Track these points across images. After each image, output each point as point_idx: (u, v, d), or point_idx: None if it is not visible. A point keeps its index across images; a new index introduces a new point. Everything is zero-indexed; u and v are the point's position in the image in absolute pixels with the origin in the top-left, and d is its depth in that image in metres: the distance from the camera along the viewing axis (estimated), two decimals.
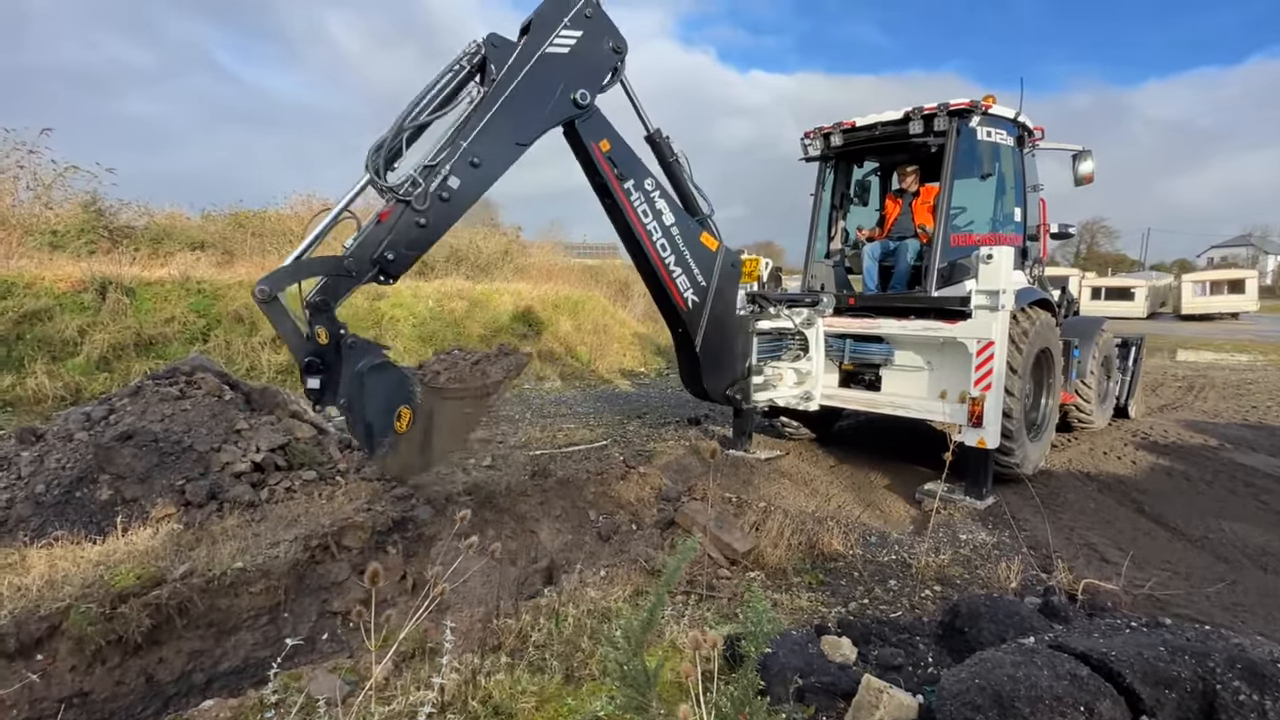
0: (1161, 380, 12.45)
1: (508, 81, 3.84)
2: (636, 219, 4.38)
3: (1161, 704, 1.87)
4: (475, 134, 3.78)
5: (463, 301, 12.77)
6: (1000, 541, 4.63)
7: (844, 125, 6.29)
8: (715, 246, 4.71)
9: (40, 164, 11.79)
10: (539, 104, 3.94)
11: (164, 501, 4.36)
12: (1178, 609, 3.64)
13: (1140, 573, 4.08)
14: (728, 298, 4.83)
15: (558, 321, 13.86)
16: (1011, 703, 1.91)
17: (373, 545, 4.46)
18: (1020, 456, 5.55)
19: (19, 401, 7.04)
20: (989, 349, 5.06)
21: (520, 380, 11.50)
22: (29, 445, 4.74)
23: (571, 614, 3.14)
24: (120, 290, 8.67)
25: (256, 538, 4.02)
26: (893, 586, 3.98)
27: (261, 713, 2.34)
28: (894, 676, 2.80)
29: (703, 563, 4.08)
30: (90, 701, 3.08)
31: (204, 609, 3.52)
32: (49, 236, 10.78)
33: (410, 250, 3.81)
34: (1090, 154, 6.52)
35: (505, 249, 18.82)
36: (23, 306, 7.78)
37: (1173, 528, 4.95)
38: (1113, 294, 32.82)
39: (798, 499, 5.61)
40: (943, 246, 5.76)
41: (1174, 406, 9.85)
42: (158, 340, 8.38)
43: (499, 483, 5.46)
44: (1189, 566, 4.28)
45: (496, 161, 3.92)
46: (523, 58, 3.89)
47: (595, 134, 4.18)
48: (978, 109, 5.61)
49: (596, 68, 4.11)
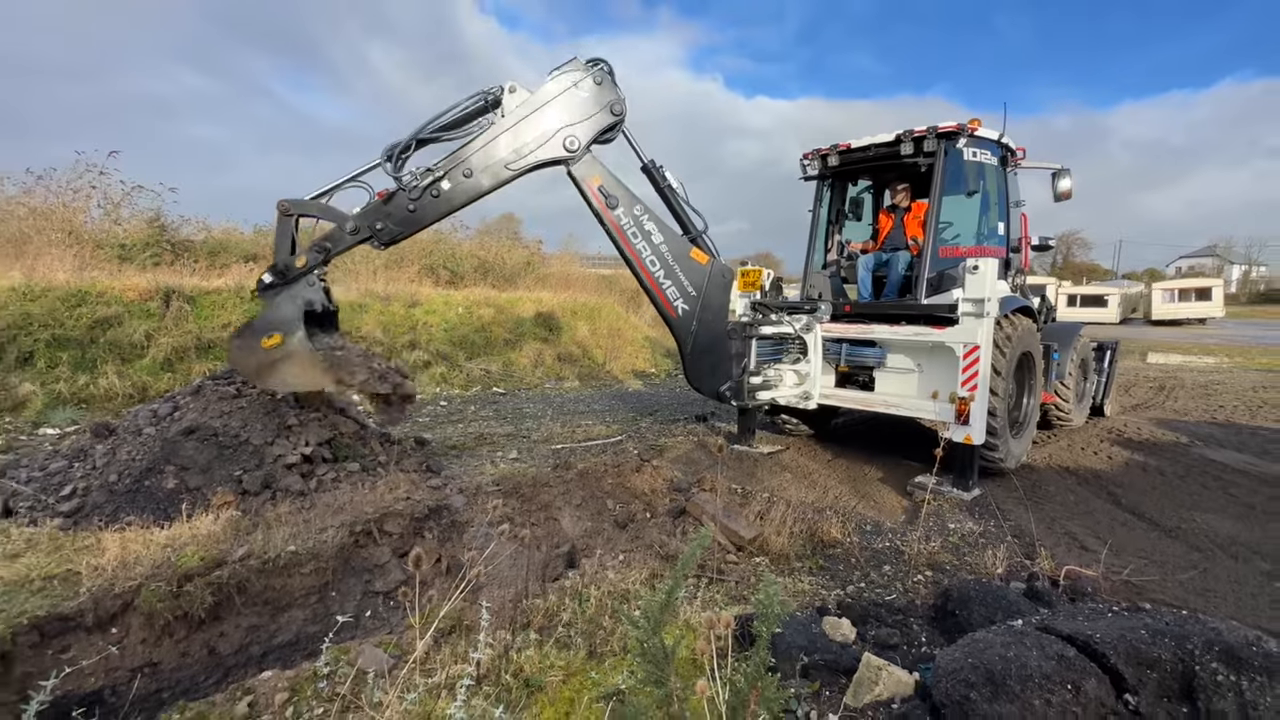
0: (1134, 381, 12.30)
1: (516, 118, 4.33)
2: (625, 240, 4.71)
3: (1144, 683, 1.85)
4: (475, 152, 4.34)
5: (489, 309, 12.82)
6: (986, 530, 4.60)
7: (840, 147, 6.27)
8: (705, 261, 4.86)
9: (110, 184, 11.94)
10: (534, 142, 4.39)
11: (223, 490, 4.40)
12: (1154, 594, 3.59)
13: (1118, 560, 4.03)
14: (716, 306, 4.91)
15: (575, 326, 13.88)
16: (1003, 680, 1.89)
17: (411, 531, 4.48)
18: (1004, 452, 5.50)
19: (92, 399, 7.14)
20: (975, 352, 5.03)
21: (541, 381, 11.54)
22: (103, 439, 4.81)
23: (593, 595, 3.14)
24: (182, 298, 8.78)
25: (306, 524, 4.05)
26: (887, 571, 3.95)
27: (315, 683, 2.36)
28: (890, 655, 2.79)
29: (712, 549, 4.07)
30: (159, 671, 3.12)
31: (260, 588, 3.55)
32: (118, 250, 10.92)
33: (398, 226, 4.43)
34: (1069, 172, 6.46)
35: (528, 260, 18.87)
36: (95, 313, 7.89)
37: (1148, 518, 4.89)
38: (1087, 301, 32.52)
39: (798, 490, 5.59)
40: (932, 258, 5.73)
41: (1146, 406, 9.73)
42: (215, 344, 8.47)
43: (524, 474, 5.48)
44: (1164, 555, 4.22)
45: (485, 178, 4.39)
46: (534, 102, 4.36)
47: (587, 172, 4.56)
48: (964, 131, 5.58)
49: (593, 123, 4.46)
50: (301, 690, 2.34)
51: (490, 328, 12.25)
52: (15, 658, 2.74)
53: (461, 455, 6.47)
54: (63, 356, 7.35)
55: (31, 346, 7.28)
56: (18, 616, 2.81)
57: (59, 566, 3.28)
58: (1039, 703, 1.81)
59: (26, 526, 3.84)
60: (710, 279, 4.83)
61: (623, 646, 2.67)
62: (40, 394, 6.88)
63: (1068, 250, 65.32)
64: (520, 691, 2.31)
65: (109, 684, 2.94)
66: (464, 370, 10.83)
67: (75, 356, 7.45)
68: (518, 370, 11.59)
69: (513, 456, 6.42)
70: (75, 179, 11.68)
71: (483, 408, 9.13)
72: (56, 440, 6.16)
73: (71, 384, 7.15)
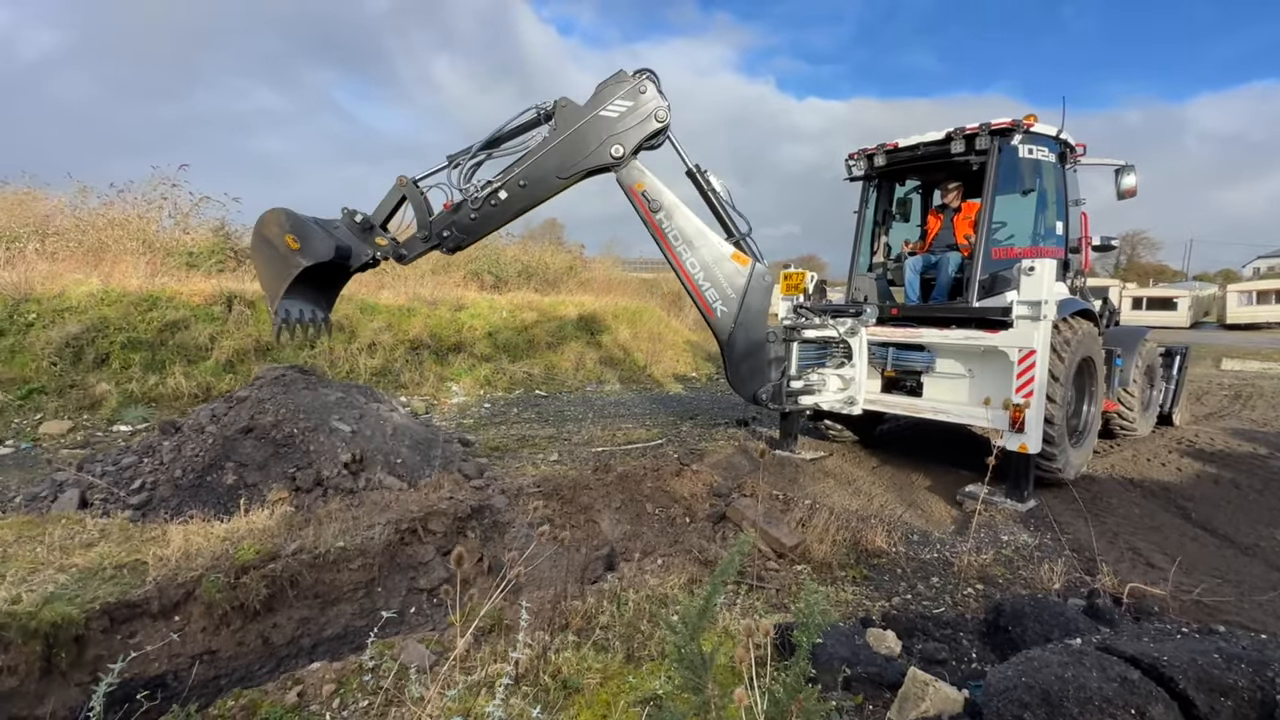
0: (1206, 389, 11.59)
1: (564, 130, 4.59)
2: (668, 243, 4.85)
3: (1217, 711, 1.72)
4: (529, 164, 4.61)
5: (532, 312, 13.00)
6: (1042, 543, 4.39)
7: (887, 146, 6.11)
8: (746, 263, 4.88)
9: (180, 195, 12.65)
10: (582, 151, 4.63)
11: (278, 487, 4.58)
12: (1228, 616, 3.35)
13: (1188, 579, 3.79)
14: (756, 309, 4.91)
15: (617, 329, 13.94)
16: (1060, 702, 1.80)
17: (454, 530, 4.56)
18: (1062, 462, 5.25)
19: (160, 398, 7.55)
20: (1031, 357, 4.81)
21: (582, 383, 11.62)
22: (169, 436, 5.07)
23: (632, 598, 3.13)
24: (243, 303, 9.20)
25: (355, 521, 4.17)
26: (935, 583, 3.82)
27: (361, 675, 2.43)
28: (938, 670, 2.69)
29: (752, 555, 4.01)
30: (217, 658, 3.26)
31: (311, 582, 3.67)
32: (186, 257, 11.54)
33: (462, 234, 4.79)
34: (1133, 169, 6.14)
35: (570, 265, 19.07)
36: (164, 317, 8.35)
37: (1221, 535, 4.59)
38: (1154, 304, 30.77)
39: (842, 498, 5.46)
40: (984, 259, 5.52)
41: (1220, 415, 9.15)
42: (274, 347, 8.84)
43: (565, 476, 5.52)
44: (1239, 574, 3.95)
45: (539, 187, 4.67)
46: (581, 114, 4.60)
47: (632, 179, 4.75)
48: (1019, 128, 5.36)
49: (638, 131, 4.63)
50: (348, 683, 2.41)
51: (533, 331, 12.42)
52: (88, 641, 2.91)
53: (504, 457, 6.57)
54: (135, 358, 7.80)
55: (107, 348, 7.75)
56: (90, 602, 2.98)
57: (128, 556, 3.46)
58: None
59: (100, 517, 4.07)
60: (751, 282, 4.84)
61: (660, 651, 2.65)
62: (115, 393, 7.31)
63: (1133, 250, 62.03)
64: (558, 693, 2.32)
65: (171, 669, 3.09)
66: (507, 373, 11.00)
67: (146, 358, 7.89)
68: (559, 373, 11.70)
69: (554, 459, 6.48)
70: (150, 191, 12.43)
71: (525, 410, 9.26)
72: (129, 437, 6.54)
73: (143, 384, 7.58)
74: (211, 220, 12.77)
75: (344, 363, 9.36)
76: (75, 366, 7.47)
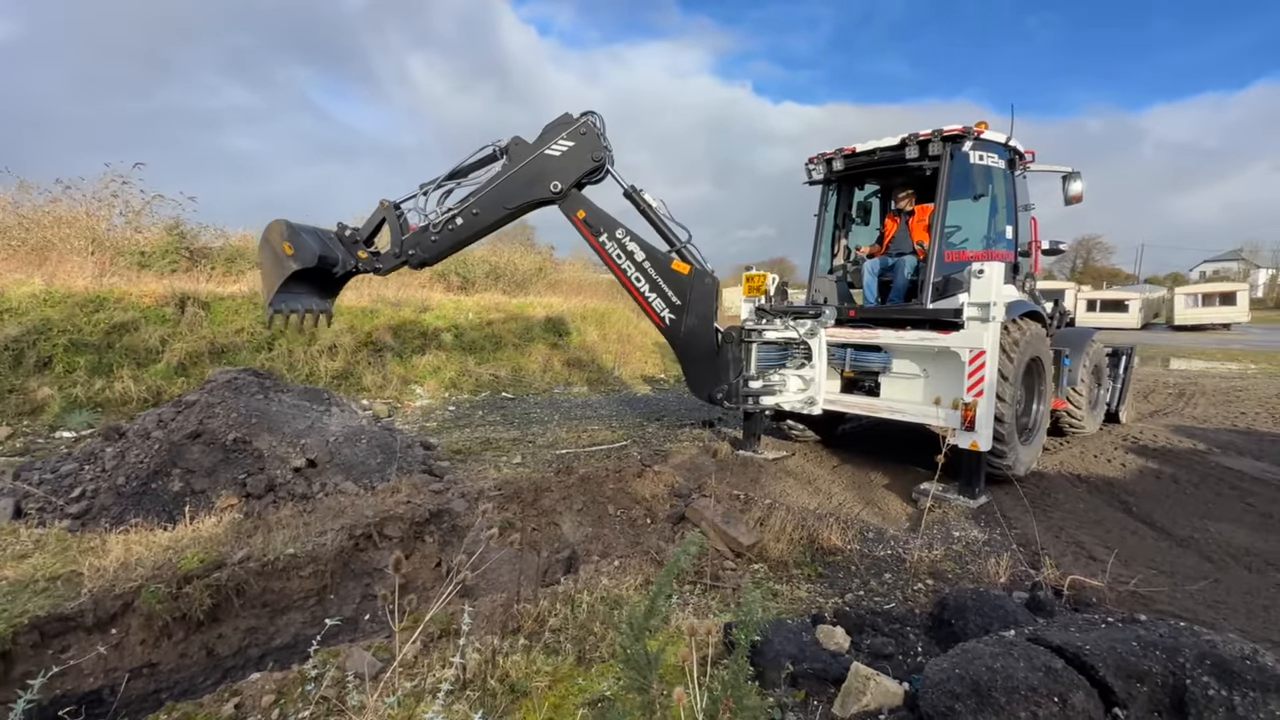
0: (1153, 387, 12.05)
1: (514, 165, 5.11)
2: (611, 261, 5.23)
3: (1133, 697, 1.80)
4: (482, 194, 5.16)
5: (499, 313, 12.89)
6: (991, 539, 4.51)
7: (845, 151, 6.22)
8: (687, 271, 5.13)
9: (131, 193, 12.22)
10: (527, 185, 5.14)
11: (227, 493, 4.46)
12: (1162, 606, 3.49)
13: (1126, 570, 3.94)
14: (702, 313, 5.13)
15: (585, 331, 13.91)
16: (989, 692, 1.85)
17: (412, 535, 4.50)
18: (1012, 459, 5.40)
19: (107, 403, 7.29)
20: (981, 357, 4.95)
21: (549, 385, 11.56)
22: (113, 442, 4.90)
23: (586, 600, 3.13)
24: (197, 304, 8.94)
25: (307, 527, 4.09)
26: (888, 580, 3.89)
27: (303, 685, 2.38)
28: (884, 664, 2.74)
29: (709, 555, 4.04)
30: (157, 672, 3.16)
31: (259, 590, 3.58)
32: (137, 257, 11.16)
33: (425, 253, 5.35)
34: (1079, 175, 6.36)
35: (539, 266, 18.97)
36: (112, 319, 8.06)
37: (1160, 528, 4.77)
38: (1107, 306, 31.93)
39: (801, 497, 5.53)
40: (937, 262, 5.66)
41: (1164, 412, 9.52)
42: (229, 349, 8.61)
43: (527, 479, 5.49)
44: (1174, 565, 4.12)
45: (489, 215, 5.21)
46: (529, 151, 5.10)
47: (572, 208, 5.18)
48: (970, 134, 5.51)
49: (576, 169, 5.08)
50: (289, 693, 2.35)
51: (500, 333, 12.31)
52: (16, 657, 2.79)
53: (466, 460, 6.50)
54: (80, 361, 7.51)
55: (50, 351, 7.45)
56: (19, 616, 2.87)
57: (64, 567, 3.34)
58: (1024, 715, 1.77)
59: (36, 528, 3.92)
60: (693, 288, 5.08)
61: (611, 653, 2.65)
62: (58, 398, 7.03)
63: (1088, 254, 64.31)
64: (505, 697, 2.31)
65: (107, 684, 2.98)
66: (473, 375, 10.89)
67: (92, 361, 7.61)
68: (526, 375, 11.63)
69: (517, 461, 6.44)
70: (100, 189, 11.98)
71: (490, 412, 9.17)
72: (71, 443, 6.29)
73: (88, 388, 7.30)
74: (166, 219, 12.38)
75: (303, 365, 9.15)
76: (15, 370, 7.16)
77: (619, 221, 5.24)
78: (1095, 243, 64.06)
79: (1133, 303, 31.55)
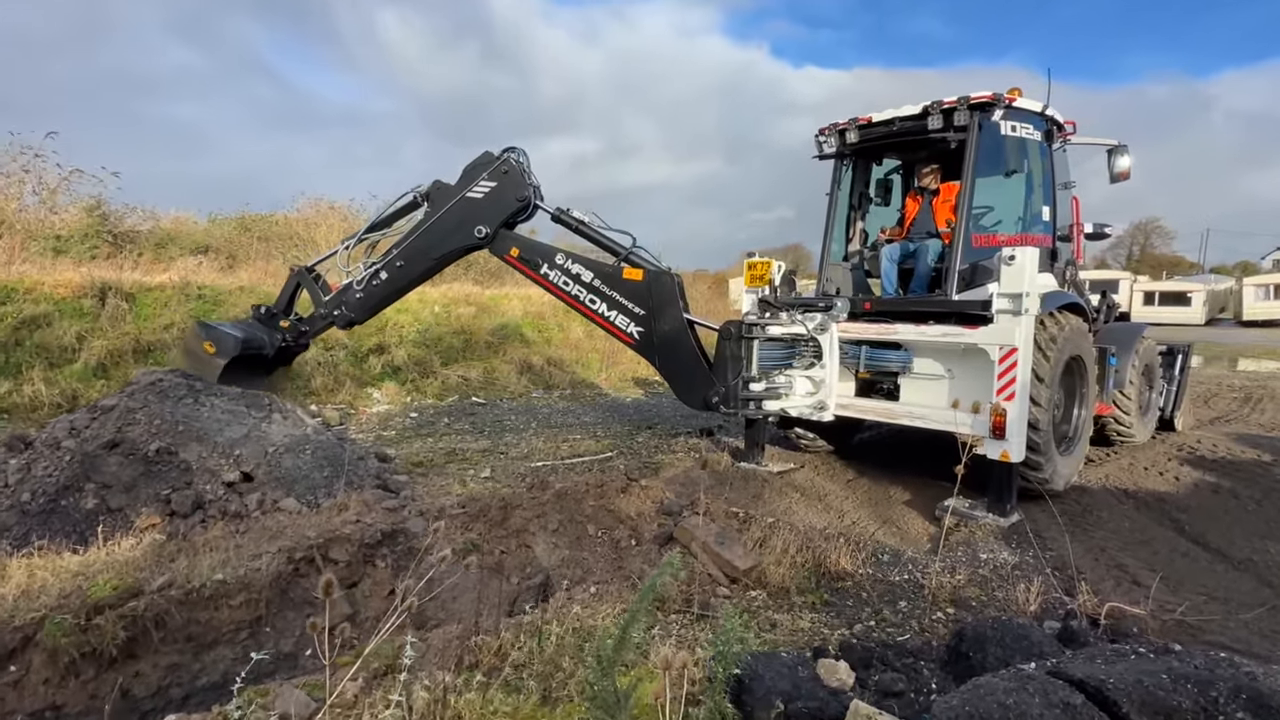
0: (1215, 391, 12.14)
1: (436, 212, 5.43)
2: (559, 290, 5.48)
3: None
4: (405, 245, 5.53)
5: (470, 307, 12.91)
6: (1023, 562, 4.55)
7: (859, 121, 6.25)
8: (641, 276, 5.30)
9: (46, 168, 12.19)
10: (451, 232, 5.45)
11: (148, 511, 4.46)
12: (1211, 636, 3.53)
13: (1174, 596, 3.97)
14: (668, 314, 5.27)
15: (569, 327, 13.93)
16: None
17: (361, 558, 4.51)
18: (1049, 471, 5.44)
19: (15, 409, 7.26)
20: (1012, 356, 4.98)
21: (526, 389, 11.57)
22: (17, 453, 4.89)
23: (555, 632, 3.14)
24: (120, 296, 8.92)
25: (239, 549, 4.09)
26: (903, 608, 3.92)
27: None
28: (892, 703, 2.76)
29: (701, 580, 4.06)
30: (63, 715, 3.15)
31: (182, 622, 3.58)
32: (53, 241, 11.13)
33: (351, 312, 5.80)
34: (1126, 149, 6.42)
35: None
36: (21, 312, 8.04)
37: (1214, 549, 4.82)
38: (1167, 299, 32.08)
39: (809, 515, 5.56)
40: (964, 247, 5.69)
41: (1227, 419, 9.60)
42: (156, 347, 8.60)
43: (496, 495, 5.49)
44: (1228, 590, 4.16)
45: (415, 266, 5.60)
46: (450, 196, 5.42)
47: (503, 249, 5.50)
48: (1000, 102, 5.54)
49: (503, 210, 5.38)
50: None
51: (471, 329, 12.34)
52: None
53: (428, 474, 6.51)
54: None
55: None
56: None
57: None
58: None
59: None
60: (653, 291, 5.23)
61: (580, 690, 2.66)
62: None
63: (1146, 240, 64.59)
64: None
65: None
66: (439, 377, 10.91)
67: None
68: (500, 377, 11.64)
69: (485, 475, 6.46)
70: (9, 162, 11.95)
71: (458, 420, 9.19)
72: None
73: None
74: (85, 199, 12.35)
75: None
76: None
77: (555, 248, 5.55)
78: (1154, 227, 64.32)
79: (1196, 295, 31.71)
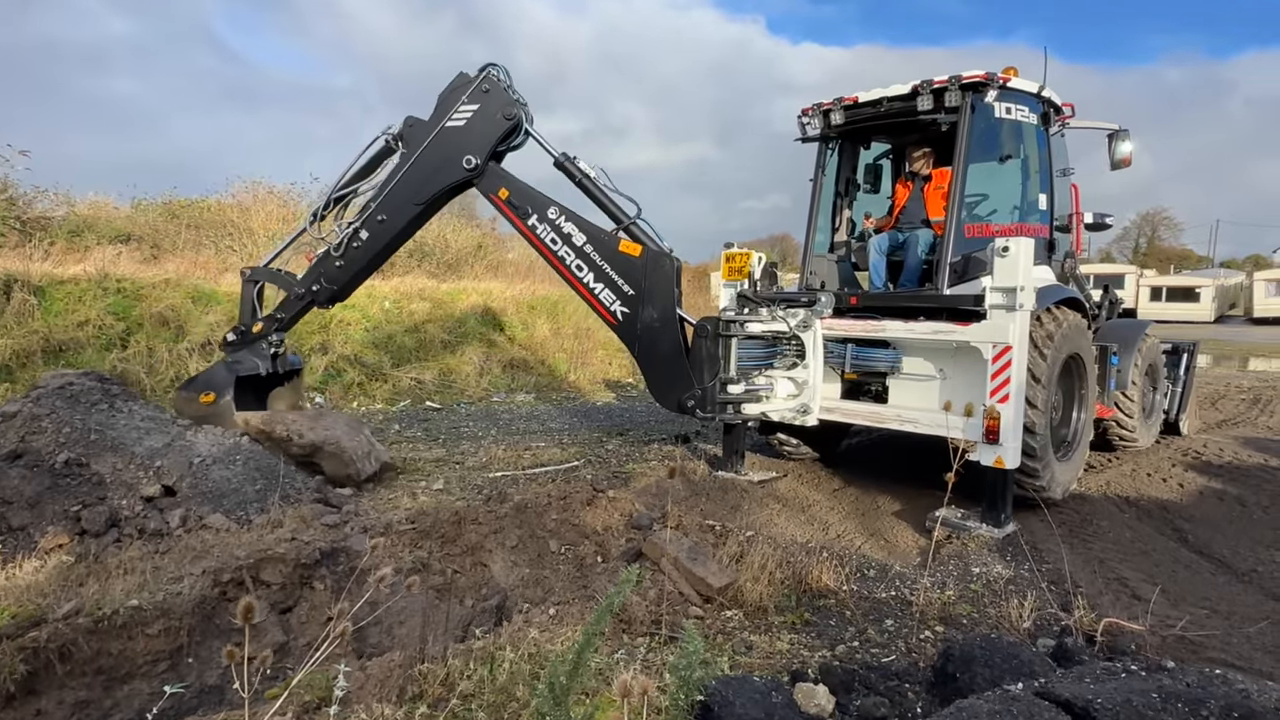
0: (1223, 392, 12.47)
1: (412, 154, 5.17)
2: (544, 248, 5.28)
3: None
4: (384, 196, 5.30)
5: (425, 303, 12.81)
6: (1017, 576, 4.62)
7: (845, 101, 6.31)
8: (639, 252, 5.15)
9: None
10: (434, 170, 5.18)
11: (55, 530, 4.36)
12: (1212, 651, 3.62)
13: (1175, 610, 4.07)
14: (661, 303, 5.15)
15: (533, 325, 13.90)
16: None
17: (297, 580, 4.45)
18: (1046, 478, 5.53)
19: None
20: (1006, 354, 5.05)
21: (487, 393, 11.52)
22: None
23: (509, 658, 3.12)
24: (28, 290, 8.70)
25: (158, 571, 4.01)
26: (889, 627, 3.96)
27: None
28: None
29: (671, 600, 4.06)
30: None
31: (91, 653, 3.50)
32: None
33: (331, 284, 5.59)
34: (1128, 134, 6.56)
35: (478, 244, 18.90)
36: None
37: (1218, 560, 4.94)
38: (1175, 294, 32.86)
39: (790, 527, 5.60)
40: (955, 238, 5.76)
41: (1235, 422, 9.86)
42: (69, 346, 8.40)
43: (449, 508, 5.45)
44: (1232, 604, 4.27)
45: (398, 218, 5.36)
46: (428, 130, 5.17)
47: (492, 186, 5.26)
48: (994, 82, 5.63)
49: (490, 135, 5.15)
50: None
51: (425, 327, 12.25)
52: None
53: (375, 486, 6.44)
54: None
55: None
56: None
57: None
58: None
59: None
60: (648, 273, 5.10)
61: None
62: None
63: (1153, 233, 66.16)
64: None
65: None
66: (389, 380, 10.81)
67: None
68: (458, 379, 11.58)
69: (438, 487, 6.40)
70: None
71: (410, 426, 9.11)
72: None
73: None
74: None
75: (167, 367, 8.97)
76: None
77: (550, 199, 5.25)
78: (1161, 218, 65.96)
79: (1205, 290, 32.52)
